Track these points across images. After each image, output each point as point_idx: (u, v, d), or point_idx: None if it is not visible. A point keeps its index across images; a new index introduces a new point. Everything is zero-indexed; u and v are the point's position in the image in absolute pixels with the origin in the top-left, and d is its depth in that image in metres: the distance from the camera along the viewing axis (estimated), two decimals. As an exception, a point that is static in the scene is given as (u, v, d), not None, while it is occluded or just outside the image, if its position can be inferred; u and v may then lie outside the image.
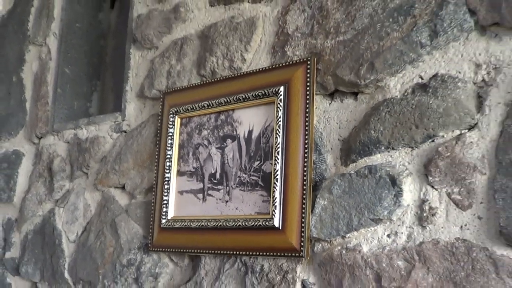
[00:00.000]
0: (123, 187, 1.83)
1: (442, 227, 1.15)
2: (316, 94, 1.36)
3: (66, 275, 1.98)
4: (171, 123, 1.64)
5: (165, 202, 1.60)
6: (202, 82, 1.61)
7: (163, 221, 1.59)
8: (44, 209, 2.14)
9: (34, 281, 2.15)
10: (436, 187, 1.15)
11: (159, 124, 1.70)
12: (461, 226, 1.13)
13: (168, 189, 1.61)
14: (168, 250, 1.61)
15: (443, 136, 1.16)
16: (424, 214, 1.17)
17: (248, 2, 1.57)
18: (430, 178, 1.16)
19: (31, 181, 2.25)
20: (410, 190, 1.19)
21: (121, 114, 1.88)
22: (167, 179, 1.62)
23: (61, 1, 2.24)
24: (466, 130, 1.14)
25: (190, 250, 1.54)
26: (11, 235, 2.31)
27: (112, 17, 2.31)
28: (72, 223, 1.98)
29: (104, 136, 1.94)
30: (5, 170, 2.37)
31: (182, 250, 1.57)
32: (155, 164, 1.68)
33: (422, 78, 1.21)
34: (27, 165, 2.31)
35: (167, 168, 1.62)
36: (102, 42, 2.28)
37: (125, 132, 1.88)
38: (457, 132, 1.15)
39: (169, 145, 1.63)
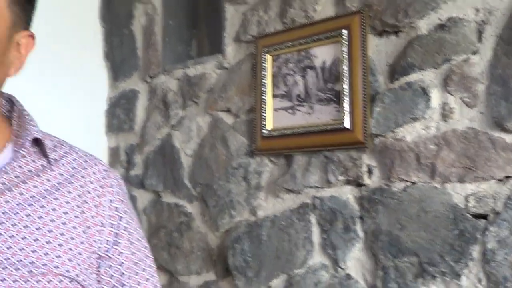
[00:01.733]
0: (228, 110, 2.47)
1: (458, 120, 1.74)
2: (369, 34, 1.97)
3: (186, 181, 2.70)
4: (264, 59, 2.28)
5: (263, 117, 2.26)
6: (285, 28, 2.24)
7: (263, 131, 2.25)
8: (162, 133, 2.81)
9: (157, 191, 2.84)
10: (453, 94, 1.75)
11: (254, 61, 2.34)
12: (470, 119, 1.72)
13: (265, 108, 2.25)
14: (268, 153, 2.27)
15: (455, 60, 1.76)
16: (446, 113, 1.76)
17: (315, -34, 2.21)
18: (448, 88, 1.75)
19: (148, 112, 2.92)
20: (436, 97, 1.78)
21: (222, 55, 2.53)
22: (264, 100, 2.26)
23: (160, -35, 2.91)
24: (471, 55, 1.72)
25: (285, 152, 2.22)
26: (133, 157, 3.04)
27: (203, -25, 2.97)
28: (188, 142, 2.67)
29: (210, 73, 2.57)
30: (124, 105, 3.06)
31: (278, 152, 2.25)
32: (254, 90, 2.34)
33: (441, 20, 1.79)
34: (143, 100, 2.96)
35: (263, 92, 2.26)
36: (196, -3, 2.95)
37: (226, 68, 2.52)
38: (465, 56, 1.73)
39: (263, 76, 2.26)
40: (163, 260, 2.76)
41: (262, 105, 2.28)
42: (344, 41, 2.01)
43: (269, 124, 2.26)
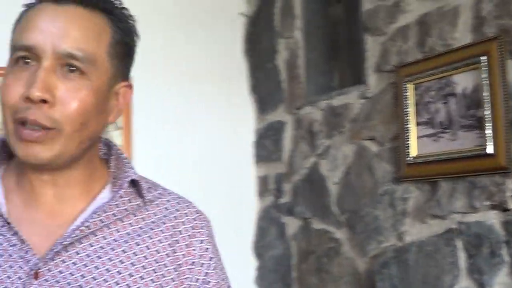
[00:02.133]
0: (373, 139, 2.57)
1: None
2: (508, 59, 2.04)
3: (334, 208, 2.80)
4: (405, 89, 2.36)
5: (407, 145, 2.35)
6: (425, 57, 2.32)
7: (408, 159, 2.34)
8: (309, 162, 2.95)
9: (306, 218, 2.97)
10: None
11: (395, 90, 2.43)
12: None
13: (409, 135, 2.34)
14: (413, 179, 2.35)
15: None
16: None
17: (451, -5, 2.28)
18: None
19: (295, 142, 3.07)
20: None
21: (364, 85, 2.64)
22: (407, 128, 2.35)
23: (300, 2, 3.05)
24: None
25: (429, 178, 2.29)
26: (282, 186, 3.19)
27: (339, 10, 3.06)
28: (334, 170, 2.78)
29: (353, 103, 2.69)
30: (272, 136, 3.22)
31: (423, 178, 2.32)
32: (396, 119, 2.42)
33: None
34: (289, 131, 3.12)
35: (406, 120, 2.35)
36: (334, 30, 3.08)
37: (369, 98, 2.62)
38: None
39: (406, 104, 2.35)
40: (313, 284, 2.89)
41: (406, 133, 2.37)
42: (483, 68, 2.07)
43: (414, 151, 2.35)
